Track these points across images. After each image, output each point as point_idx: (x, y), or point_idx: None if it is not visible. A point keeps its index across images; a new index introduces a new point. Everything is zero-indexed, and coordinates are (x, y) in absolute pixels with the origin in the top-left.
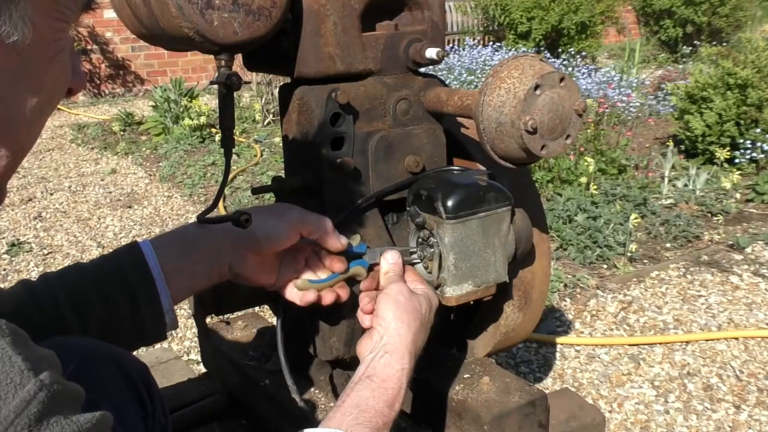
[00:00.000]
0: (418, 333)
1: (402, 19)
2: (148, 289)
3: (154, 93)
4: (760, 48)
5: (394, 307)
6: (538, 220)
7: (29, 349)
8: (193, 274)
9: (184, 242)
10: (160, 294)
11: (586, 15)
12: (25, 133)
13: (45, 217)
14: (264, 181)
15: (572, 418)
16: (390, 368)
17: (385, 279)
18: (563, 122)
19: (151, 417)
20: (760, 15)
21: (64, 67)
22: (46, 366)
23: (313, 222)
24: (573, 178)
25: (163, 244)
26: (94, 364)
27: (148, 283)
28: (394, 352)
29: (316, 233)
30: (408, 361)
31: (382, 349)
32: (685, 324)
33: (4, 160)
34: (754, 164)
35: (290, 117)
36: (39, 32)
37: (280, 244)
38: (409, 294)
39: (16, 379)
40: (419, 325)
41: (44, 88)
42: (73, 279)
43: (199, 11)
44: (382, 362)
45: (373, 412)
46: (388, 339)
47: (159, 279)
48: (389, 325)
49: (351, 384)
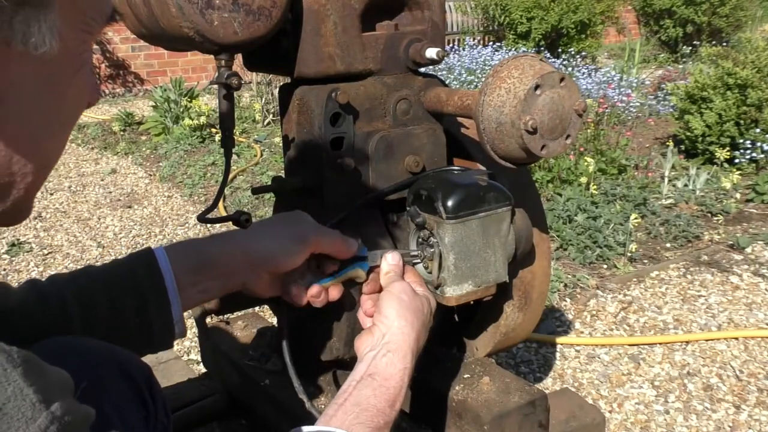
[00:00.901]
0: (420, 332)
1: (402, 19)
2: (159, 296)
3: (154, 93)
4: (760, 48)
5: (398, 305)
6: (538, 220)
7: (42, 378)
8: (206, 290)
9: (201, 258)
10: (172, 303)
11: (586, 15)
12: (49, 148)
13: (45, 217)
14: (264, 181)
15: (572, 418)
16: (392, 367)
17: (386, 279)
18: (563, 122)
19: (153, 417)
20: (760, 15)
21: (87, 79)
22: (59, 394)
23: (328, 241)
24: (573, 178)
25: (179, 255)
26: (95, 364)
27: (160, 290)
28: (396, 351)
29: (329, 250)
30: (410, 360)
31: (384, 347)
32: (685, 324)
33: (30, 177)
34: (754, 164)
35: (290, 117)
36: (66, 44)
37: (295, 263)
38: (413, 293)
39: (27, 413)
40: (421, 324)
41: (68, 101)
42: (81, 281)
43: (199, 11)
44: (384, 361)
45: (375, 411)
46: (391, 337)
47: (171, 288)
48: (392, 323)
49: (352, 382)
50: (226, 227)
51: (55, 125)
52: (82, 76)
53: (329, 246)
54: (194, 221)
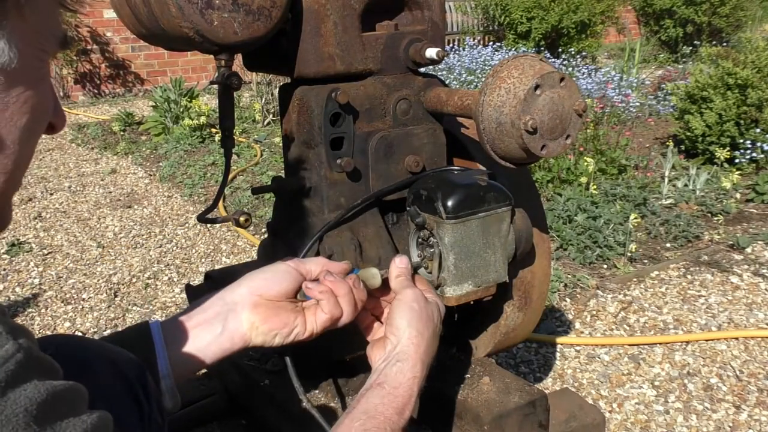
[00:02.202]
0: (430, 342)
1: (402, 19)
2: (150, 367)
3: (154, 93)
4: (760, 48)
5: (409, 315)
6: (538, 220)
7: (7, 319)
8: (201, 363)
9: (197, 344)
10: (161, 377)
11: (586, 15)
12: (14, 156)
13: (45, 217)
14: (264, 181)
15: (572, 418)
16: (402, 375)
17: (397, 283)
18: (563, 122)
19: (147, 416)
20: (760, 15)
21: (48, 93)
22: (24, 336)
23: (314, 263)
24: (573, 178)
25: (175, 335)
26: (88, 362)
27: (151, 362)
28: (406, 360)
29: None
30: (420, 370)
31: (395, 357)
32: (685, 324)
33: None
34: (754, 164)
35: (290, 117)
36: (24, 58)
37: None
38: (424, 301)
39: None
40: (432, 333)
41: (30, 111)
42: (72, 341)
43: (199, 11)
44: (394, 370)
45: (382, 418)
46: (401, 348)
47: (162, 359)
48: (402, 334)
49: (362, 391)
50: (226, 227)
51: (21, 134)
52: (43, 89)
53: (316, 266)
54: (194, 221)
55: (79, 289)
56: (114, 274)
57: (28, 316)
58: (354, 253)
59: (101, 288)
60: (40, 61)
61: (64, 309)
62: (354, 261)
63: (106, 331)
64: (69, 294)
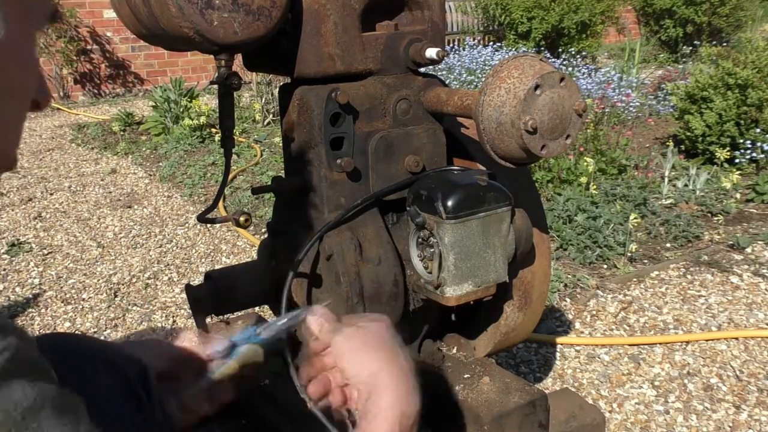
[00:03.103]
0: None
1: (402, 18)
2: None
3: (154, 93)
4: (760, 48)
5: (357, 350)
6: (538, 220)
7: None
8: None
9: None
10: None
11: (587, 15)
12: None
13: (45, 217)
14: (264, 181)
15: (572, 418)
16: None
17: (325, 335)
18: (563, 122)
19: (149, 416)
20: (761, 15)
21: (35, 69)
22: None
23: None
24: (573, 178)
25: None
26: (87, 361)
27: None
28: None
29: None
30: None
31: (369, 406)
32: (685, 324)
33: None
34: (754, 164)
35: (290, 117)
36: (11, 32)
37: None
38: (357, 329)
39: None
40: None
41: (18, 90)
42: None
43: (199, 11)
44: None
45: None
46: (371, 388)
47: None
48: (361, 374)
49: None
50: (226, 227)
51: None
52: (31, 66)
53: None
54: (194, 221)
55: (79, 289)
56: (114, 274)
57: (28, 316)
58: (354, 253)
59: (101, 288)
60: (29, 34)
61: (64, 309)
62: (354, 261)
63: (106, 331)
64: (69, 294)
